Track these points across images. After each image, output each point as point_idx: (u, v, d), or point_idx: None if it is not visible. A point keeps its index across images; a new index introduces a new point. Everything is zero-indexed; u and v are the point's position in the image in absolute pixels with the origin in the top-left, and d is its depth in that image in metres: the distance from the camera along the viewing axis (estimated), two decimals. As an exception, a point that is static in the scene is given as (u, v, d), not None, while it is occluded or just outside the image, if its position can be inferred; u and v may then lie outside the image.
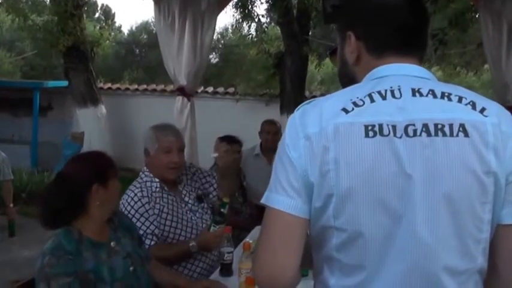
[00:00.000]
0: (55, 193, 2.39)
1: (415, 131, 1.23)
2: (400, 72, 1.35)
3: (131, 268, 2.49)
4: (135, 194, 3.18)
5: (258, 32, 11.15)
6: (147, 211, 3.14)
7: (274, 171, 1.36)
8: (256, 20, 10.99)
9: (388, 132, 1.22)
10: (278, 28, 11.06)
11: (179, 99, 5.98)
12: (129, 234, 2.65)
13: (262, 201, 1.36)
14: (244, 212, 4.90)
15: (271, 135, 5.67)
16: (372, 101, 1.27)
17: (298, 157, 1.28)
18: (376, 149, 1.22)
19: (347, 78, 1.47)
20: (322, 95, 11.92)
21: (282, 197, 1.31)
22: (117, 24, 28.18)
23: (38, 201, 2.49)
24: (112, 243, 2.48)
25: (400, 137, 1.22)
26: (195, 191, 3.57)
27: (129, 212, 3.12)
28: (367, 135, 1.23)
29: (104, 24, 21.02)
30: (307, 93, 11.32)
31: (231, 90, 12.09)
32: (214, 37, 19.05)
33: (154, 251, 3.05)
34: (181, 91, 5.95)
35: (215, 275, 3.05)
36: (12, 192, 6.08)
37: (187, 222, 3.33)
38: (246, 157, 5.51)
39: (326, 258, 1.32)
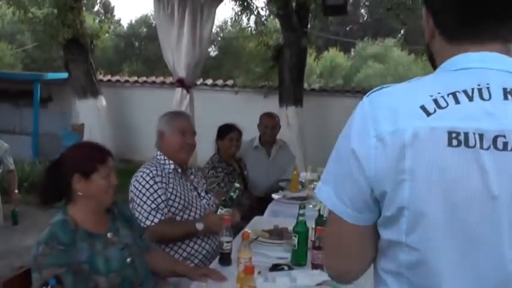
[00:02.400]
0: (45, 172, 2.57)
1: (505, 144, 1.04)
2: (487, 65, 1.12)
3: (128, 259, 2.52)
4: (150, 171, 3.32)
5: (257, 25, 11.20)
6: (160, 188, 3.28)
7: (333, 168, 1.21)
8: (256, 12, 11.05)
9: (474, 143, 1.04)
10: (277, 20, 11.08)
11: (178, 91, 6.07)
12: (128, 225, 2.70)
13: (320, 197, 1.23)
14: (243, 202, 4.96)
15: (269, 128, 5.73)
16: (457, 102, 1.07)
17: (366, 157, 1.11)
18: (459, 161, 1.04)
19: (429, 52, 1.29)
20: (321, 87, 12.02)
21: (343, 207, 1.17)
22: (116, 18, 28.25)
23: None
24: (109, 234, 2.52)
25: (487, 149, 1.04)
26: (203, 185, 3.75)
27: (143, 187, 3.26)
28: (450, 144, 1.05)
29: (103, 17, 21.06)
30: (305, 86, 11.40)
31: (230, 82, 12.13)
32: (214, 30, 19.08)
33: (161, 225, 3.20)
34: (180, 83, 6.04)
35: (214, 264, 3.09)
36: (17, 181, 6.20)
37: (196, 205, 3.47)
38: (246, 149, 5.58)
39: (393, 273, 1.18)
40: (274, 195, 4.94)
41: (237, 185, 3.45)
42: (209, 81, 12.23)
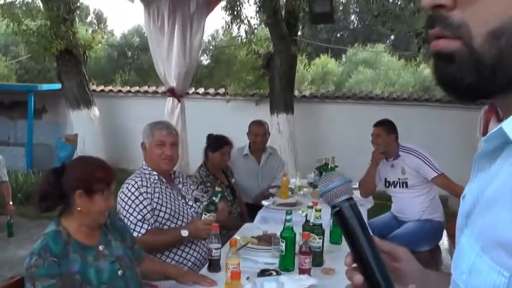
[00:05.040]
0: (44, 179, 2.56)
1: None
2: None
3: (120, 272, 2.55)
4: (136, 182, 3.40)
5: (247, 34, 11.32)
6: (145, 199, 3.35)
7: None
8: (245, 21, 11.17)
9: None
10: (267, 29, 11.22)
11: (169, 101, 6.16)
12: (120, 237, 2.73)
13: None
14: (234, 211, 5.02)
15: (259, 136, 5.78)
16: None
17: None
18: None
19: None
20: (312, 94, 12.13)
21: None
22: (109, 28, 28.38)
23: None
24: (100, 247, 2.56)
25: None
26: (192, 192, 3.81)
27: (129, 198, 3.34)
28: None
29: (96, 28, 21.13)
30: (296, 93, 11.49)
31: (221, 91, 12.19)
32: (206, 38, 19.16)
33: (148, 236, 3.27)
34: (171, 92, 6.12)
35: (204, 271, 3.15)
36: (10, 192, 6.27)
37: (183, 214, 3.53)
38: (236, 157, 5.64)
39: None
40: (264, 202, 5.03)
41: (218, 188, 3.52)
42: (201, 90, 12.30)
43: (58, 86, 11.59)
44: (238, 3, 10.79)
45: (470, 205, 0.79)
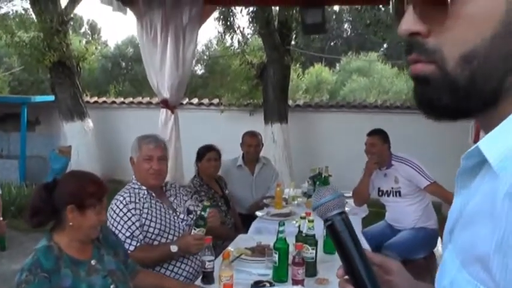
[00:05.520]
0: (36, 193, 2.53)
1: None
2: None
3: (112, 286, 2.54)
4: (124, 198, 3.39)
5: (240, 44, 11.35)
6: (133, 215, 3.34)
7: None
8: (238, 31, 11.21)
9: None
10: (260, 39, 11.25)
11: (163, 112, 6.15)
12: (113, 251, 2.73)
13: None
14: (228, 221, 5.02)
15: (252, 147, 5.80)
16: None
17: None
18: None
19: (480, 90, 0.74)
20: (306, 103, 12.16)
21: None
22: (103, 39, 28.41)
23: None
24: (92, 261, 2.55)
25: None
26: (184, 203, 3.79)
27: (117, 215, 3.32)
28: None
29: (90, 38, 21.14)
30: (290, 102, 11.53)
31: (215, 101, 12.22)
32: (200, 48, 19.18)
33: (137, 252, 3.25)
34: (164, 104, 6.11)
35: (197, 283, 3.16)
36: (1, 206, 6.21)
37: (174, 228, 3.52)
38: (229, 168, 5.68)
39: None
40: (258, 213, 5.03)
41: (206, 203, 3.51)
42: (195, 101, 12.32)
43: (51, 97, 11.59)
44: (231, 13, 10.84)
45: (453, 221, 0.82)
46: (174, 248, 3.29)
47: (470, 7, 0.73)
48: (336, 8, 22.29)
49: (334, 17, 28.18)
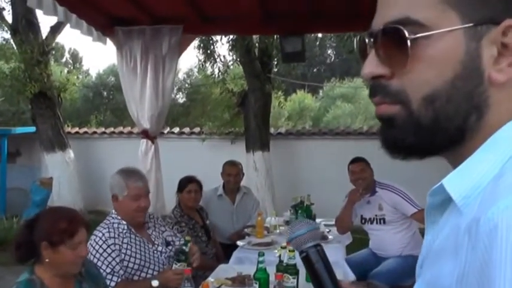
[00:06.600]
0: (20, 229, 2.59)
1: None
2: None
3: None
4: (103, 234, 3.35)
5: (220, 72, 11.39)
6: (113, 251, 3.31)
7: None
8: (219, 59, 11.25)
9: None
10: (241, 67, 11.30)
11: (143, 142, 6.10)
12: (95, 285, 2.71)
13: None
14: (209, 252, 5.00)
15: (232, 176, 5.80)
16: None
17: None
18: None
19: (444, 128, 0.76)
20: (288, 131, 12.17)
21: None
22: (85, 67, 28.40)
23: None
24: None
25: None
26: (162, 234, 3.75)
27: (97, 251, 3.28)
28: None
29: (71, 67, 21.11)
30: (272, 130, 11.54)
31: (197, 129, 12.21)
32: (181, 76, 19.19)
33: (119, 287, 3.22)
34: (145, 134, 6.08)
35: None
36: None
37: (154, 262, 3.50)
38: (210, 197, 5.67)
39: None
40: (239, 242, 4.99)
41: (187, 238, 3.50)
42: (176, 130, 12.30)
43: (32, 129, 11.52)
44: (211, 41, 10.88)
45: (423, 256, 0.84)
46: (155, 283, 3.24)
47: (430, 50, 0.74)
48: (320, 34, 22.50)
49: (317, 43, 28.41)
